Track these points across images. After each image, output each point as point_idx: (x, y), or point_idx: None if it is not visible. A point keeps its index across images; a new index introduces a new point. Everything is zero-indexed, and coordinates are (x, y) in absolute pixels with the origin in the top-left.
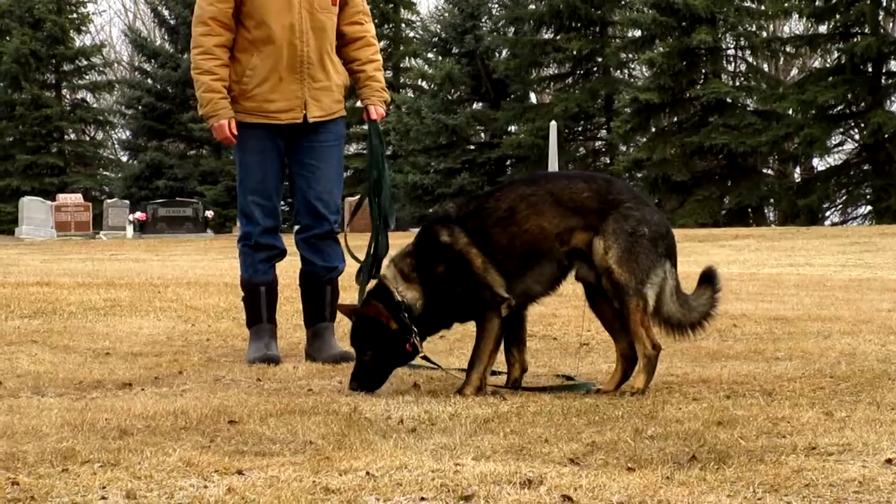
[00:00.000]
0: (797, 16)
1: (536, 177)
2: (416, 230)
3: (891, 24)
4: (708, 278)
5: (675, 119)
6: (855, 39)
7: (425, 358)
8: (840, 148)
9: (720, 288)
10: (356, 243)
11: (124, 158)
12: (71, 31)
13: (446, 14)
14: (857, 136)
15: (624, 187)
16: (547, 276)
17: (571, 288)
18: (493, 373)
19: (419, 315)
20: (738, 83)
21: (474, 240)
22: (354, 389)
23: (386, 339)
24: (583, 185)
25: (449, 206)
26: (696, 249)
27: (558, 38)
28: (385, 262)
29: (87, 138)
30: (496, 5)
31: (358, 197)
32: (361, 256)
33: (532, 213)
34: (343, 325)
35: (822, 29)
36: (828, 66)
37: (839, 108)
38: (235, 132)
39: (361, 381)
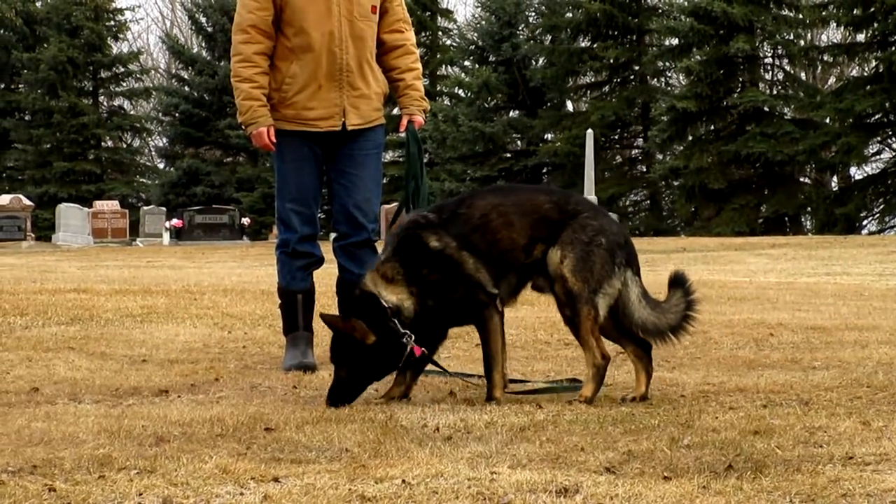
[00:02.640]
0: (835, 24)
1: (500, 188)
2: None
3: None
4: (676, 282)
5: (712, 127)
6: (893, 48)
7: (433, 362)
8: (877, 157)
9: (692, 289)
10: None
11: (161, 165)
12: (108, 39)
13: (483, 22)
14: (894, 145)
15: (582, 199)
16: (513, 286)
17: None
18: (518, 381)
19: (413, 318)
20: (775, 91)
21: (461, 243)
22: (330, 406)
23: (363, 355)
24: (544, 198)
25: (427, 214)
26: (732, 258)
27: (595, 46)
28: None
29: (124, 145)
30: (533, 13)
31: (395, 204)
32: None
33: (503, 223)
34: None
35: (860, 37)
36: (865, 74)
37: (877, 116)
38: (274, 139)
39: (335, 397)
